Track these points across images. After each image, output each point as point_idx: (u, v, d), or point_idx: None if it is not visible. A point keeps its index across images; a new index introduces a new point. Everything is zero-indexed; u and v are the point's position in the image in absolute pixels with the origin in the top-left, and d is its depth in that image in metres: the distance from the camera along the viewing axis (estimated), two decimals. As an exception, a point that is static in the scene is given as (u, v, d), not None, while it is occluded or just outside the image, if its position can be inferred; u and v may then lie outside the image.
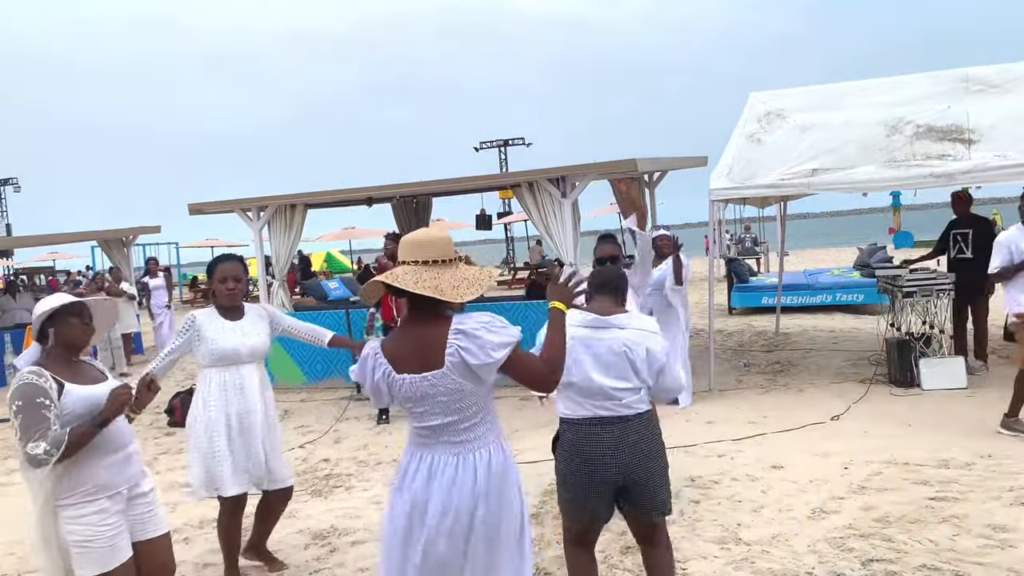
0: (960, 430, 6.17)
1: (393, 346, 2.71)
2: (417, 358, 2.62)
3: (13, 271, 33.49)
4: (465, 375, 2.59)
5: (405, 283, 2.59)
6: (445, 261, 2.66)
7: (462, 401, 2.62)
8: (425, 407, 2.64)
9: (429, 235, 2.70)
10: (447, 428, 2.64)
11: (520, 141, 38.11)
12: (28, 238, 18.47)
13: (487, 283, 2.68)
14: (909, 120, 8.10)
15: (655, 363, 3.34)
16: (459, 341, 2.58)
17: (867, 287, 13.03)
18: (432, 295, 2.55)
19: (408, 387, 2.63)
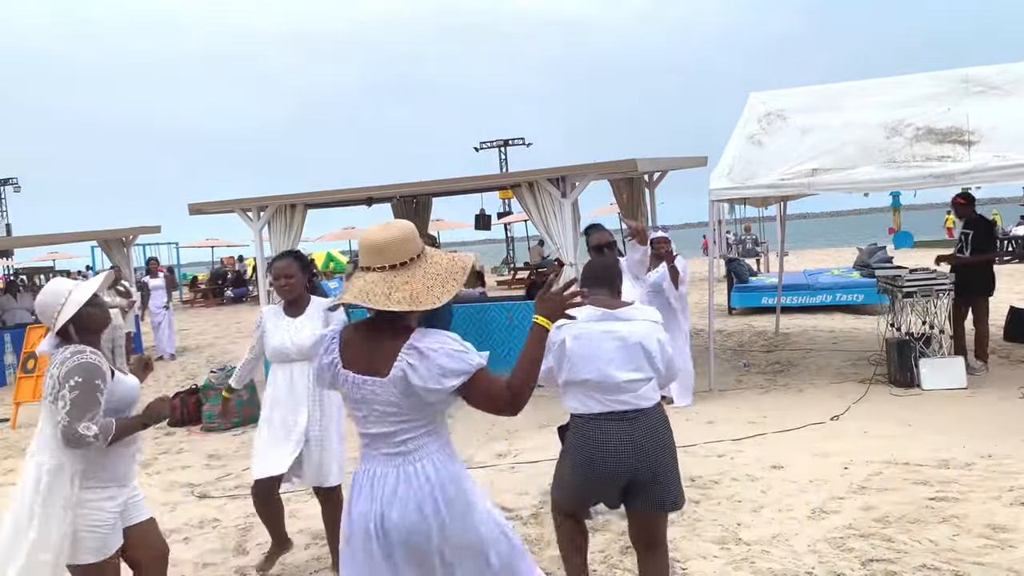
0: (960, 430, 6.17)
1: (350, 337, 2.53)
2: (366, 358, 2.44)
3: (13, 271, 33.49)
4: (407, 392, 2.38)
5: (375, 299, 2.35)
6: (413, 259, 2.43)
7: (399, 416, 2.42)
8: (364, 412, 2.46)
9: (390, 234, 2.42)
10: (386, 438, 2.45)
11: (520, 141, 38.11)
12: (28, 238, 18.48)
13: (461, 276, 2.43)
14: (909, 122, 8.10)
15: (666, 353, 3.37)
16: (409, 357, 2.36)
17: (867, 287, 13.03)
18: (409, 308, 2.34)
19: (350, 385, 2.46)
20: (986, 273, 8.35)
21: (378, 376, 2.40)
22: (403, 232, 2.43)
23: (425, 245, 2.50)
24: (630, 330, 3.32)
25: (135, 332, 14.03)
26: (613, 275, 3.54)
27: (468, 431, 7.09)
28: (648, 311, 3.46)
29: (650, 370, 3.33)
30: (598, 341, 3.30)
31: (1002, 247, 23.65)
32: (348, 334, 2.53)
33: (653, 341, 3.33)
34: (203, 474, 6.57)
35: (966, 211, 8.57)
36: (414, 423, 2.43)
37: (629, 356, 3.29)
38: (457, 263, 2.46)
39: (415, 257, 2.43)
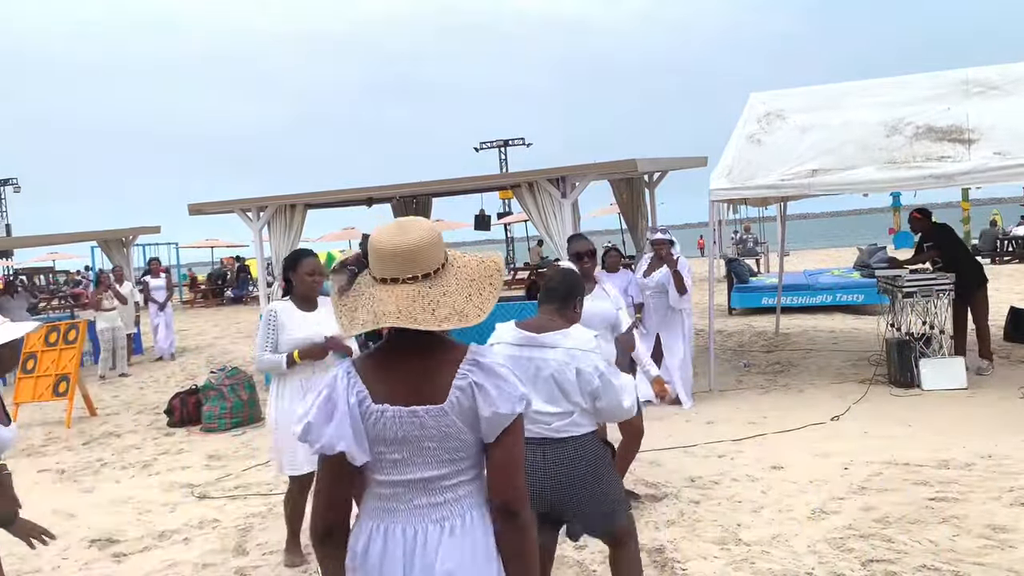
0: (960, 430, 6.17)
1: (374, 365, 2.00)
2: (407, 386, 1.95)
3: (13, 271, 33.49)
4: (468, 419, 1.93)
5: (421, 318, 1.89)
6: (444, 264, 2.00)
7: (456, 451, 1.95)
8: (405, 453, 1.94)
9: (418, 237, 1.96)
10: (429, 484, 1.95)
11: (520, 141, 38.10)
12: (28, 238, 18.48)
13: (498, 278, 2.03)
14: (909, 121, 8.09)
15: (586, 385, 3.06)
16: (474, 375, 1.93)
17: (867, 287, 13.03)
18: (458, 325, 1.91)
19: (388, 422, 1.93)
20: (974, 265, 8.36)
21: (432, 404, 1.92)
22: (431, 233, 1.99)
23: None
24: (546, 359, 3.06)
25: (136, 333, 14.04)
26: (568, 289, 3.25)
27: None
28: (579, 337, 3.12)
29: (567, 404, 3.07)
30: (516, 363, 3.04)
31: (1002, 247, 23.63)
32: (368, 364, 2.01)
33: (571, 371, 3.04)
34: (203, 474, 6.57)
35: (923, 225, 8.52)
36: (470, 461, 1.98)
37: (542, 387, 3.05)
38: (488, 265, 2.05)
39: (444, 262, 2.00)
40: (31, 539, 2.97)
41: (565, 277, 3.31)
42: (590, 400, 3.09)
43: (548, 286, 3.27)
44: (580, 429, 3.12)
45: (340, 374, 2.00)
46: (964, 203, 24.24)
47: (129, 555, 4.93)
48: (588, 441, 3.14)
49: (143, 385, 11.47)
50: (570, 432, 3.10)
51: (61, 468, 7.13)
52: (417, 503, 1.95)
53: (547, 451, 3.08)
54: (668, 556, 4.26)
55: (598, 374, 3.07)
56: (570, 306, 3.24)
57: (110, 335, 12.18)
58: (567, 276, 3.32)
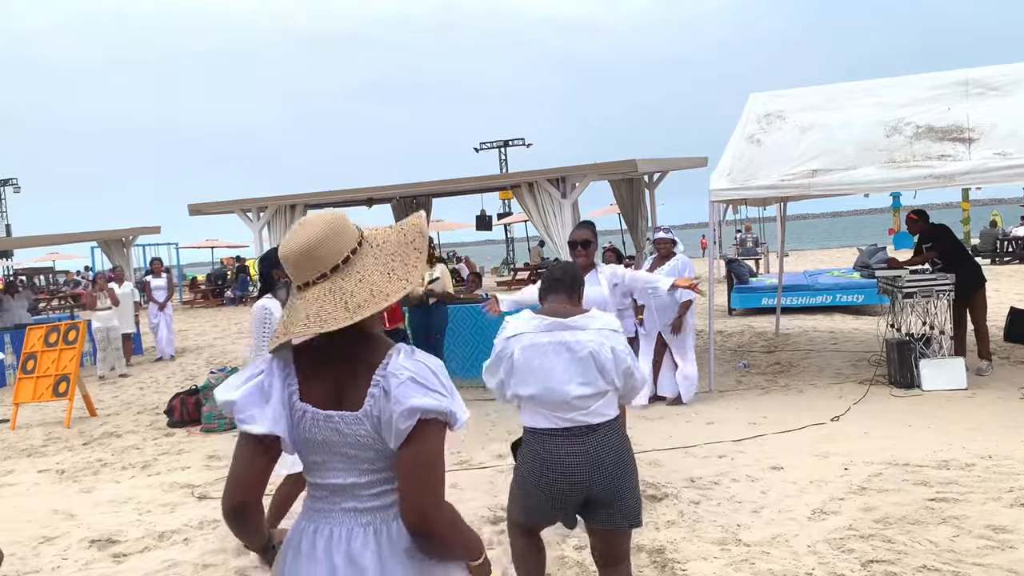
0: (960, 431, 6.17)
1: (309, 362, 1.90)
2: (329, 389, 1.86)
3: (13, 271, 33.50)
4: (384, 428, 1.81)
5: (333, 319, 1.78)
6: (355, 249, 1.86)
7: (375, 461, 1.84)
8: (324, 456, 1.86)
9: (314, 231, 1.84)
10: (352, 491, 1.87)
11: (520, 141, 38.10)
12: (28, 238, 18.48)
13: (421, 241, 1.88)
14: (909, 121, 8.10)
15: (621, 363, 3.10)
16: (384, 381, 1.81)
17: (867, 288, 13.03)
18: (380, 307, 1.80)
19: (308, 423, 1.85)
20: (972, 265, 8.36)
21: (348, 410, 1.83)
22: (329, 223, 1.85)
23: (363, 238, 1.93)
24: (580, 340, 3.07)
25: (135, 333, 14.03)
26: (573, 278, 3.29)
27: (468, 432, 7.08)
28: (604, 318, 3.18)
29: (603, 383, 3.08)
30: (545, 353, 3.07)
31: (1002, 247, 23.62)
32: (305, 355, 1.91)
33: (606, 351, 3.07)
34: (203, 475, 6.57)
35: (920, 226, 8.52)
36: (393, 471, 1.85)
37: (579, 369, 3.07)
38: (408, 228, 1.89)
39: (356, 247, 1.86)
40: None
41: (567, 268, 3.36)
42: (624, 379, 3.14)
43: (552, 277, 3.31)
44: (613, 412, 3.16)
45: (279, 363, 1.90)
46: (964, 203, 24.26)
47: (129, 555, 4.93)
48: (619, 427, 3.20)
49: (143, 385, 11.46)
50: (606, 416, 3.13)
51: (61, 468, 7.13)
52: (344, 506, 1.88)
53: (593, 436, 3.08)
54: (668, 556, 4.26)
55: (628, 353, 3.14)
56: (576, 295, 3.29)
57: (104, 335, 12.18)
58: (568, 267, 3.38)
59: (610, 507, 3.11)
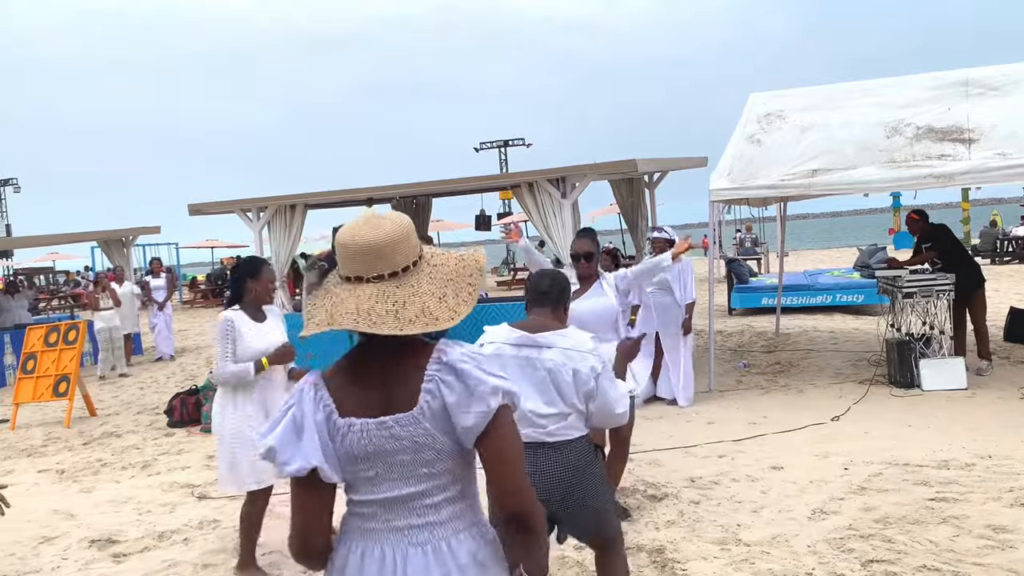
0: (960, 431, 6.17)
1: (342, 375, 1.85)
2: (375, 396, 1.80)
3: (13, 271, 33.49)
4: (442, 425, 1.77)
5: (383, 322, 1.73)
6: (416, 262, 1.83)
7: (434, 464, 1.78)
8: (378, 468, 1.79)
9: (387, 231, 1.80)
10: (407, 503, 1.79)
11: (520, 141, 38.10)
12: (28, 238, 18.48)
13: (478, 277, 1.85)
14: (909, 121, 8.09)
15: (583, 385, 2.99)
16: (441, 374, 1.77)
17: (867, 288, 13.03)
18: (427, 329, 1.74)
19: (355, 436, 1.78)
20: (972, 265, 8.36)
21: (402, 412, 1.77)
22: (401, 227, 1.82)
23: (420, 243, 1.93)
24: (541, 359, 2.99)
25: (136, 333, 14.03)
26: (560, 291, 3.19)
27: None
28: (576, 338, 3.05)
29: (563, 405, 3.00)
30: (507, 366, 2.97)
31: (1002, 247, 23.61)
32: (336, 374, 1.87)
33: (566, 372, 2.97)
34: (203, 475, 6.56)
35: (920, 227, 8.52)
36: (451, 476, 1.81)
37: (539, 387, 2.99)
38: (468, 262, 1.86)
39: (417, 259, 1.83)
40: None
41: (555, 280, 3.24)
42: (584, 402, 3.04)
43: (539, 289, 3.21)
44: (574, 433, 3.08)
45: (306, 387, 1.84)
46: (964, 203, 24.25)
47: (129, 555, 4.93)
48: (580, 446, 3.11)
49: (143, 385, 11.46)
50: (564, 436, 3.05)
51: (61, 468, 7.13)
52: (397, 524, 1.79)
53: (539, 455, 3.04)
54: (668, 556, 4.26)
55: (594, 375, 3.00)
56: (561, 308, 3.21)
57: (107, 335, 12.18)
58: (556, 278, 3.26)
59: (569, 526, 3.14)
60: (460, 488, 1.82)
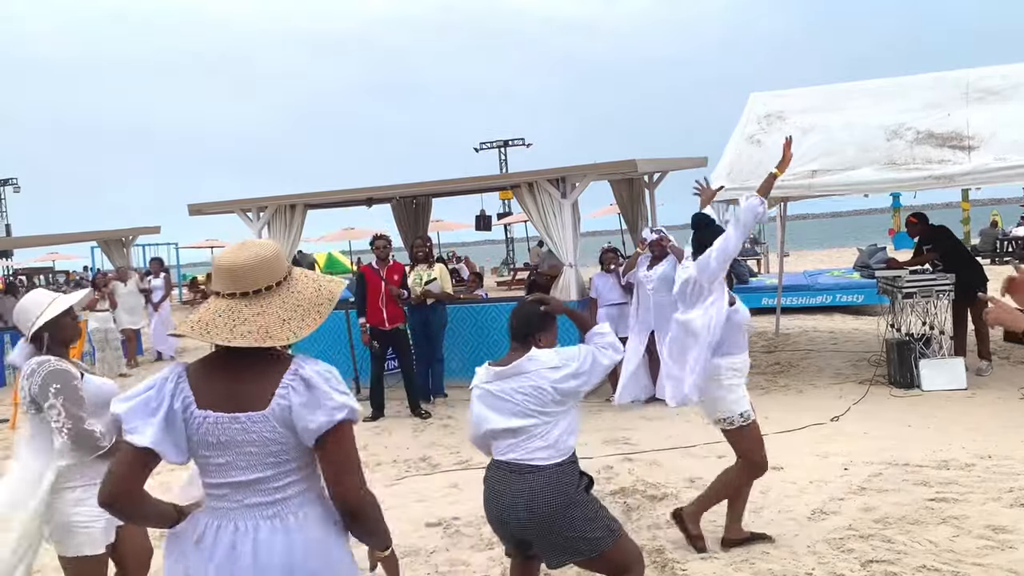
0: (960, 431, 6.17)
1: (202, 372, 2.13)
2: (231, 393, 2.07)
3: (12, 271, 33.49)
4: (289, 425, 2.05)
5: (216, 332, 2.03)
6: (271, 287, 2.11)
7: (279, 455, 2.07)
8: (228, 456, 2.07)
9: (243, 257, 2.09)
10: (255, 486, 2.07)
11: (520, 141, 38.06)
12: (28, 238, 18.50)
13: (326, 307, 2.14)
14: (909, 126, 8.09)
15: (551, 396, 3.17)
16: (295, 384, 2.05)
17: (867, 288, 13.02)
18: (255, 343, 2.02)
19: (210, 427, 2.06)
20: (973, 265, 8.37)
21: (253, 411, 2.05)
22: (259, 255, 2.10)
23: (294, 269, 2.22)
24: (513, 388, 3.19)
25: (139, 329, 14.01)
26: (526, 326, 3.32)
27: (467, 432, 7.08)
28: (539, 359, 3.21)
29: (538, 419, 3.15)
30: (483, 398, 3.28)
31: (1002, 247, 23.62)
32: (197, 370, 2.15)
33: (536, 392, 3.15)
34: (203, 474, 6.57)
35: (920, 229, 8.54)
36: (295, 464, 2.10)
37: (512, 411, 3.20)
38: (323, 293, 2.16)
39: (273, 285, 2.11)
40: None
41: (517, 314, 3.37)
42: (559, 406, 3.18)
43: (510, 327, 3.37)
44: (544, 460, 3.16)
45: (171, 376, 2.12)
46: (964, 203, 24.23)
47: (129, 555, 4.92)
48: (556, 471, 3.17)
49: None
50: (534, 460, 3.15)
51: (61, 468, 7.12)
52: (247, 503, 2.08)
53: (524, 475, 3.15)
54: (668, 556, 4.27)
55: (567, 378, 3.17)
56: (530, 341, 3.30)
57: (102, 335, 12.18)
58: (518, 312, 3.38)
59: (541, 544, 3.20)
60: (304, 473, 2.12)
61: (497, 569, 4.29)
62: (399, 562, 2.49)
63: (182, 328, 2.11)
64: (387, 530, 2.25)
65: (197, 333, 2.06)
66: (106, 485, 2.08)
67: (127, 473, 2.09)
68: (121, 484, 2.08)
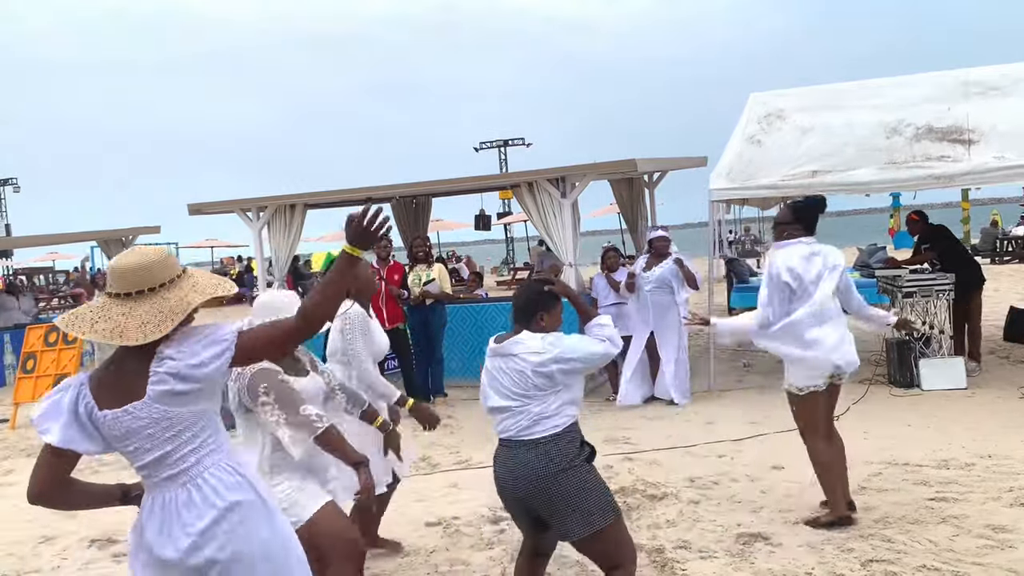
0: (960, 430, 6.17)
1: (98, 378, 2.38)
2: (118, 390, 2.32)
3: (12, 271, 33.48)
4: (173, 402, 2.30)
5: (78, 326, 2.28)
6: (144, 291, 2.30)
7: (173, 430, 2.33)
8: (134, 444, 2.34)
9: (127, 262, 2.32)
10: (163, 461, 2.35)
11: (520, 141, 38.04)
12: (28, 238, 18.49)
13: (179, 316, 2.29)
14: (909, 122, 8.09)
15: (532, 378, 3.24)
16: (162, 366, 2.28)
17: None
18: (108, 340, 2.25)
19: (112, 423, 2.31)
20: (972, 265, 8.37)
21: (137, 400, 2.29)
22: (140, 262, 2.32)
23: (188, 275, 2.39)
24: (502, 366, 3.31)
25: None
26: (530, 304, 3.38)
27: (467, 432, 7.09)
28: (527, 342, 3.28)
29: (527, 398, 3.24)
30: (486, 375, 3.40)
31: (1002, 247, 23.61)
32: (95, 377, 2.39)
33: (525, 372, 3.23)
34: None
35: (920, 227, 8.54)
36: (190, 434, 2.36)
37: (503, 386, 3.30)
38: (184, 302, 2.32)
39: (145, 290, 2.30)
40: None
41: (522, 292, 3.45)
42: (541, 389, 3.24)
43: (513, 303, 3.43)
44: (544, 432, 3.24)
45: (73, 386, 2.37)
46: (964, 203, 24.24)
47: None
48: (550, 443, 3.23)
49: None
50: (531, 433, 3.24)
51: (61, 468, 7.12)
52: (163, 476, 2.37)
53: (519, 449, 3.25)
54: (668, 556, 4.26)
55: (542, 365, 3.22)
56: (534, 321, 3.35)
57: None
58: (523, 291, 3.46)
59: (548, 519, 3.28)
60: (201, 440, 2.37)
61: (497, 569, 4.29)
62: None
63: (58, 320, 2.36)
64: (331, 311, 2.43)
65: (63, 324, 2.32)
66: (31, 484, 2.36)
67: (46, 470, 2.37)
68: (42, 481, 2.37)
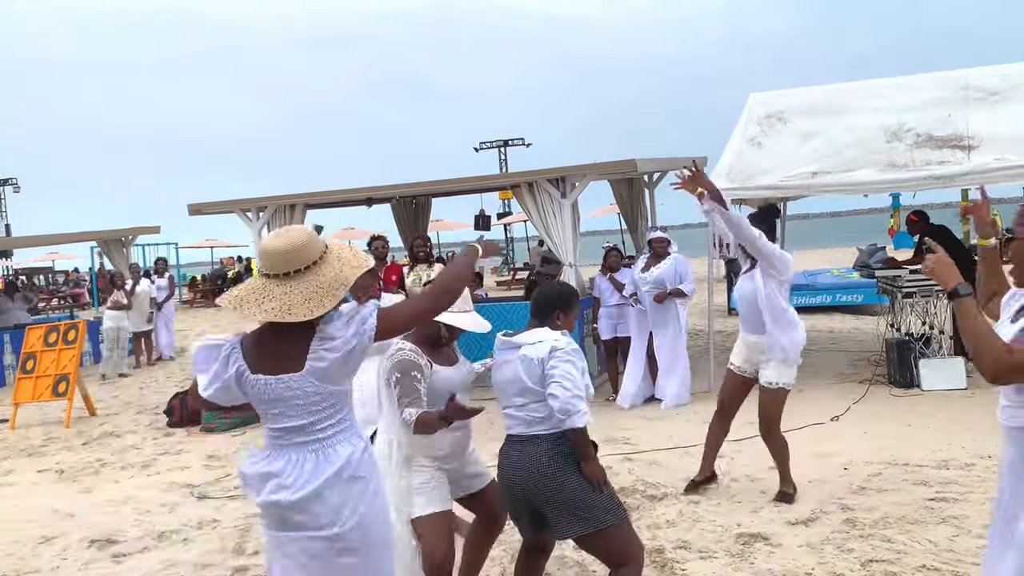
0: (960, 431, 6.17)
1: (253, 343, 2.63)
2: (275, 359, 2.55)
3: (12, 271, 33.49)
4: (325, 379, 2.54)
5: (247, 307, 2.50)
6: (299, 270, 2.53)
7: (319, 404, 2.57)
8: (280, 408, 2.58)
9: (280, 243, 2.54)
10: (303, 429, 2.58)
11: (520, 141, 38.05)
12: (28, 238, 18.50)
13: (341, 291, 2.52)
14: (910, 128, 8.09)
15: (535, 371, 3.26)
16: (323, 346, 2.52)
17: (867, 288, 13.02)
18: (278, 319, 2.46)
19: (263, 388, 2.56)
20: (972, 265, 8.38)
21: (294, 372, 2.52)
22: (292, 241, 2.53)
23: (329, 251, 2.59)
24: (509, 360, 3.35)
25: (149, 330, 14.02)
26: (545, 303, 3.42)
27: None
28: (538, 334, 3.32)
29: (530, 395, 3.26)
30: (497, 367, 3.44)
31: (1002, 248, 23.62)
32: (249, 341, 2.63)
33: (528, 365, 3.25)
34: (203, 474, 6.57)
35: (920, 227, 8.55)
36: (332, 410, 2.59)
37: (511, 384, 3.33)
38: (340, 278, 2.53)
39: (301, 269, 2.52)
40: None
41: (543, 291, 3.49)
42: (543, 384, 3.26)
43: (532, 300, 3.48)
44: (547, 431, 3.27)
45: (226, 349, 2.62)
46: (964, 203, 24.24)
47: (129, 555, 4.92)
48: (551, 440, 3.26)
49: (143, 385, 11.46)
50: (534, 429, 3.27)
51: (61, 468, 7.13)
52: (297, 440, 2.59)
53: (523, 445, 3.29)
54: (668, 556, 4.26)
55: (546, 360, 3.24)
56: (551, 318, 3.38)
57: (114, 334, 12.19)
58: (545, 290, 3.49)
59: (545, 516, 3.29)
60: (339, 416, 2.61)
61: (496, 569, 4.29)
62: None
63: (221, 301, 2.60)
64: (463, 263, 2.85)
65: (232, 306, 2.54)
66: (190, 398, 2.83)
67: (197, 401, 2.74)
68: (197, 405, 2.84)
